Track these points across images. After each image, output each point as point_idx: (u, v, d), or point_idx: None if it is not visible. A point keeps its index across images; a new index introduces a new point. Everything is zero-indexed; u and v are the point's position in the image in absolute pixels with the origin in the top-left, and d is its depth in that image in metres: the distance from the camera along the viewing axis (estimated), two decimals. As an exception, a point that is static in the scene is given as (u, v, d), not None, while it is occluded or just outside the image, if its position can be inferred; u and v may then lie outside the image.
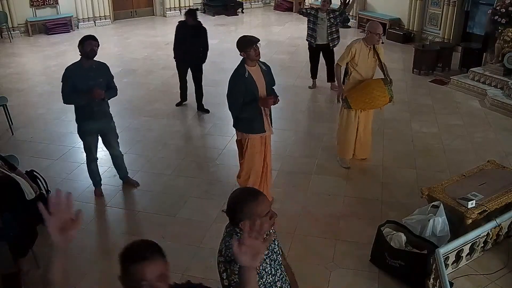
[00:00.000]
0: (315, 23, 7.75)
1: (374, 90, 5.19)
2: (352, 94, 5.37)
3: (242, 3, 15.03)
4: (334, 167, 5.75)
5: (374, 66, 5.37)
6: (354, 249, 4.31)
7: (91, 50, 4.53)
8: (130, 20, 13.83)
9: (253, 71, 4.29)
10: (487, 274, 3.90)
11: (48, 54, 10.58)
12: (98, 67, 4.69)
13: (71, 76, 4.57)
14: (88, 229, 4.63)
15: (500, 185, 4.38)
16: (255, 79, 4.28)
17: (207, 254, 4.13)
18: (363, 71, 5.30)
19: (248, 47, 4.18)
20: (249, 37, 4.24)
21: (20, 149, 6.10)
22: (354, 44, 5.29)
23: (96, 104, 4.66)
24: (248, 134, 4.50)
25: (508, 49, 7.83)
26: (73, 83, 4.55)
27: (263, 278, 2.22)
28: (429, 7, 10.99)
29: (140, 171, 5.62)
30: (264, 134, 4.54)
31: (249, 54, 4.19)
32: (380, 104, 5.35)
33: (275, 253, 2.34)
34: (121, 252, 1.81)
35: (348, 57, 5.27)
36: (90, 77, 4.56)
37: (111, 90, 4.80)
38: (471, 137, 6.55)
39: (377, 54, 5.27)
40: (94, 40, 4.57)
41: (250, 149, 4.56)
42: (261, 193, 2.26)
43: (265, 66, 4.46)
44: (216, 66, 7.38)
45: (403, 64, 9.74)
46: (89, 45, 4.52)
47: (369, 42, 5.21)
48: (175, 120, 7.18)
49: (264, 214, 2.17)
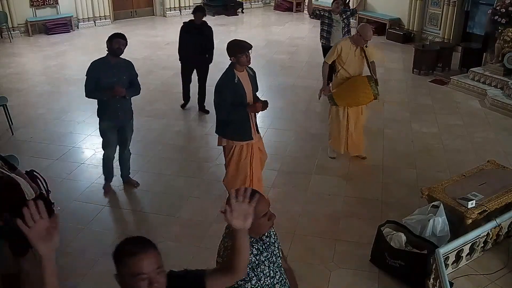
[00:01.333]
0: (331, 25, 7.65)
1: (358, 87, 5.27)
2: (337, 91, 5.49)
3: (242, 3, 15.02)
4: (334, 167, 5.76)
5: (362, 64, 5.43)
6: (354, 249, 4.31)
7: (118, 48, 4.59)
8: (130, 20, 13.82)
9: (242, 76, 4.23)
10: (487, 274, 3.90)
11: (48, 54, 10.57)
12: (123, 64, 4.75)
13: (96, 71, 4.63)
14: (88, 229, 4.63)
15: (500, 185, 4.38)
16: (244, 85, 4.23)
17: (207, 254, 4.11)
18: (350, 69, 5.40)
19: (240, 53, 4.10)
20: (242, 43, 4.15)
21: (20, 149, 6.10)
22: (341, 42, 5.46)
23: (119, 100, 4.71)
24: (233, 141, 4.42)
25: (508, 49, 7.83)
26: (96, 78, 4.61)
27: (261, 280, 2.20)
28: (429, 7, 10.99)
29: (140, 171, 5.62)
30: (251, 142, 4.46)
31: (240, 60, 4.12)
32: (364, 102, 5.41)
33: (274, 256, 2.33)
34: (115, 250, 1.83)
35: (334, 55, 5.39)
36: (114, 74, 4.62)
37: (133, 88, 4.82)
38: (471, 137, 6.56)
39: (364, 53, 5.33)
40: (123, 39, 4.62)
41: (235, 157, 4.47)
42: (259, 193, 2.22)
43: (252, 71, 4.40)
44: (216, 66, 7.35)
45: (403, 64, 9.74)
46: (117, 43, 4.58)
47: (356, 43, 5.31)
48: (175, 120, 7.18)
49: (262, 214, 2.16)
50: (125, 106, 4.86)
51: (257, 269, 2.19)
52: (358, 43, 5.29)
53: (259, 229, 2.21)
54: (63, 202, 4.97)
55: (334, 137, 5.79)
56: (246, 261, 1.96)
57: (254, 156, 4.55)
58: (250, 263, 2.16)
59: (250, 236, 2.19)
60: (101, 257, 4.25)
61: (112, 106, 4.74)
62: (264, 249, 2.26)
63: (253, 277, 2.15)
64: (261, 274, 2.21)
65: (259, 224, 2.17)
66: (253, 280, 2.15)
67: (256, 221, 2.11)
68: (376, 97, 5.27)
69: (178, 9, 14.33)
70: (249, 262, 2.15)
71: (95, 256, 4.26)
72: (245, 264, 1.96)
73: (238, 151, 4.46)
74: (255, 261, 2.19)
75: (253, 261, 2.18)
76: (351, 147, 5.77)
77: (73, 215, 4.82)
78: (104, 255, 4.29)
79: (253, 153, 4.52)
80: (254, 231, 2.19)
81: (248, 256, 2.03)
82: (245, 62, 4.16)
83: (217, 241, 2.39)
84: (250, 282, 2.13)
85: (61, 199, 4.98)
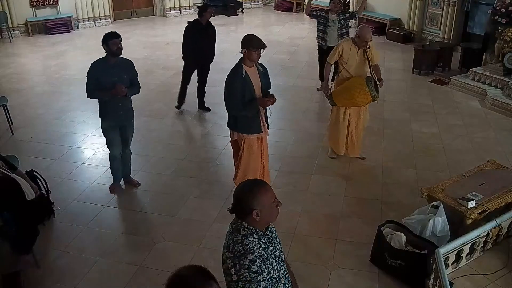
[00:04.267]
0: (326, 25, 7.67)
1: (356, 88, 5.26)
2: (336, 91, 5.52)
3: (242, 3, 15.02)
4: (334, 167, 5.75)
5: (363, 66, 5.43)
6: (354, 249, 4.31)
7: (117, 49, 4.58)
8: (130, 20, 13.82)
9: (250, 72, 4.29)
10: (487, 274, 3.90)
11: (48, 54, 10.57)
12: (122, 64, 4.74)
13: (96, 71, 4.63)
14: (88, 229, 4.63)
15: (500, 185, 4.39)
16: (252, 80, 4.29)
17: (207, 254, 4.13)
18: (351, 70, 5.40)
19: (254, 48, 4.17)
20: (259, 40, 4.21)
21: (20, 149, 6.10)
22: (342, 42, 5.48)
23: (120, 100, 4.72)
24: (244, 134, 4.51)
25: (508, 49, 7.83)
26: (97, 79, 4.61)
27: (271, 273, 2.23)
28: (429, 7, 10.99)
29: (140, 171, 5.62)
30: (261, 135, 4.57)
31: (251, 54, 4.19)
32: (362, 103, 5.40)
33: (278, 250, 2.37)
34: (175, 282, 1.81)
35: (336, 55, 5.42)
36: (115, 73, 4.62)
37: (133, 87, 4.83)
38: (471, 137, 6.55)
39: (366, 55, 5.34)
40: (117, 38, 4.60)
41: (246, 150, 4.57)
42: (265, 182, 2.36)
43: (262, 68, 4.46)
44: (216, 66, 7.37)
45: (403, 64, 9.74)
46: (114, 45, 4.56)
47: (357, 44, 5.32)
48: (175, 120, 7.18)
49: (272, 200, 2.26)
50: (126, 105, 4.88)
51: (267, 262, 2.23)
52: (359, 45, 5.29)
53: (270, 217, 2.28)
54: (63, 202, 4.98)
55: (333, 138, 5.79)
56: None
57: (264, 149, 4.67)
58: (261, 256, 2.19)
59: (257, 230, 2.24)
60: (101, 257, 4.25)
61: (114, 106, 4.75)
62: (270, 243, 2.31)
63: (265, 269, 2.18)
64: (270, 267, 2.25)
65: (271, 211, 2.25)
66: (265, 272, 2.18)
67: (268, 207, 2.22)
68: (375, 98, 5.25)
69: (178, 9, 14.33)
70: (261, 255, 2.19)
71: (95, 256, 4.26)
72: None
73: (249, 144, 4.54)
74: (264, 254, 2.22)
75: (262, 254, 2.21)
76: (350, 148, 5.77)
77: (73, 215, 4.82)
78: (104, 255, 4.30)
79: (263, 146, 4.64)
80: (265, 219, 2.25)
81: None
82: (254, 58, 4.24)
83: (217, 241, 2.41)
84: (262, 274, 2.17)
85: (61, 199, 5.00)
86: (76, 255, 4.26)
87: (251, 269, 2.13)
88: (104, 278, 4.02)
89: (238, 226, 2.25)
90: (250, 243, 2.18)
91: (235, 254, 2.17)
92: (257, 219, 2.21)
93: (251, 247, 2.17)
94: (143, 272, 4.05)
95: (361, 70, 5.43)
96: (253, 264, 2.14)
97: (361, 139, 5.81)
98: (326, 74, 5.67)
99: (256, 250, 2.18)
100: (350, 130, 5.64)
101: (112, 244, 4.46)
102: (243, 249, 2.17)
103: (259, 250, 2.19)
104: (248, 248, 2.17)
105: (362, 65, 5.41)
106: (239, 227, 2.24)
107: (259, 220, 2.21)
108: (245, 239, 2.19)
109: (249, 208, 2.19)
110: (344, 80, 5.45)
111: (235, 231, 2.25)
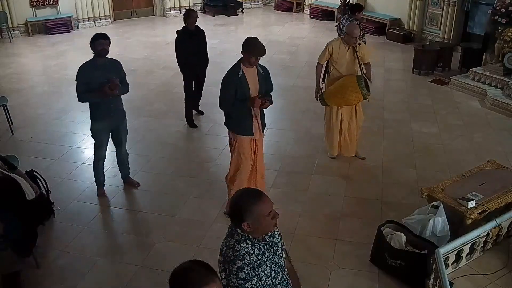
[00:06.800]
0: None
1: (346, 87, 5.28)
2: (327, 91, 5.53)
3: (242, 3, 15.02)
4: (334, 167, 5.76)
5: (354, 64, 5.45)
6: (354, 249, 4.31)
7: (102, 50, 4.59)
8: (130, 20, 13.82)
9: (248, 72, 4.25)
10: (487, 274, 3.89)
11: (48, 54, 10.57)
12: (111, 64, 4.74)
13: (85, 74, 4.61)
14: (88, 229, 4.63)
15: (500, 185, 4.38)
16: (248, 80, 4.24)
17: (207, 255, 4.12)
18: (342, 69, 5.42)
19: (254, 54, 4.13)
20: (260, 47, 4.14)
21: (20, 149, 6.10)
22: (332, 42, 5.49)
23: (111, 101, 4.71)
24: (236, 135, 4.47)
25: (508, 49, 7.84)
26: (86, 81, 4.59)
27: (262, 280, 2.21)
28: (429, 7, 11.00)
29: (140, 171, 5.62)
30: (253, 138, 4.48)
31: (250, 59, 4.17)
32: (353, 101, 5.40)
33: (277, 256, 2.34)
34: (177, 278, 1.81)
35: (326, 55, 5.45)
36: (103, 74, 4.60)
37: (123, 86, 4.82)
38: (471, 137, 6.56)
39: (356, 53, 5.35)
40: (104, 39, 4.61)
41: (237, 150, 4.51)
42: (263, 193, 2.28)
43: (264, 70, 4.41)
44: (216, 66, 7.37)
45: (403, 64, 9.74)
46: (100, 45, 4.58)
47: (347, 42, 5.34)
48: (175, 120, 7.18)
49: (267, 213, 2.19)
50: (118, 106, 4.87)
51: (258, 269, 2.20)
52: (349, 42, 5.32)
53: (264, 229, 2.23)
54: (63, 202, 4.98)
55: (328, 138, 5.82)
56: None
57: (258, 152, 4.60)
58: (252, 262, 2.17)
59: (252, 237, 2.21)
60: (101, 257, 4.25)
61: (105, 107, 4.72)
62: (266, 250, 2.27)
63: (254, 276, 2.16)
64: (262, 274, 2.22)
65: (264, 223, 2.20)
66: (254, 280, 2.15)
67: (261, 220, 2.17)
68: (366, 97, 5.26)
69: (178, 9, 14.32)
70: (251, 262, 2.16)
71: (95, 256, 4.26)
72: None
73: (240, 145, 4.49)
74: (256, 261, 2.19)
75: (254, 261, 2.18)
76: (344, 148, 5.77)
77: (73, 215, 4.82)
78: (104, 255, 4.30)
79: (257, 149, 4.57)
80: (259, 231, 2.22)
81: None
82: (253, 62, 4.22)
83: (217, 241, 2.40)
84: (250, 281, 2.14)
85: (61, 199, 5.00)
86: (76, 255, 4.26)
87: (239, 275, 2.13)
88: (104, 278, 4.02)
89: (233, 231, 2.25)
90: (241, 250, 2.17)
91: (226, 259, 2.18)
92: (248, 230, 2.19)
93: (241, 254, 2.16)
94: (143, 272, 4.05)
95: (352, 69, 5.45)
96: (241, 270, 2.13)
97: (356, 139, 5.81)
98: (316, 74, 5.67)
99: (247, 256, 2.17)
100: (343, 130, 5.65)
101: (112, 244, 4.46)
102: (233, 254, 2.16)
103: (251, 257, 2.18)
104: (238, 254, 2.16)
105: (353, 64, 5.43)
106: (234, 232, 2.24)
107: (250, 231, 2.20)
108: (237, 245, 2.19)
109: (240, 219, 2.17)
110: (335, 80, 5.46)
111: (230, 236, 2.25)
